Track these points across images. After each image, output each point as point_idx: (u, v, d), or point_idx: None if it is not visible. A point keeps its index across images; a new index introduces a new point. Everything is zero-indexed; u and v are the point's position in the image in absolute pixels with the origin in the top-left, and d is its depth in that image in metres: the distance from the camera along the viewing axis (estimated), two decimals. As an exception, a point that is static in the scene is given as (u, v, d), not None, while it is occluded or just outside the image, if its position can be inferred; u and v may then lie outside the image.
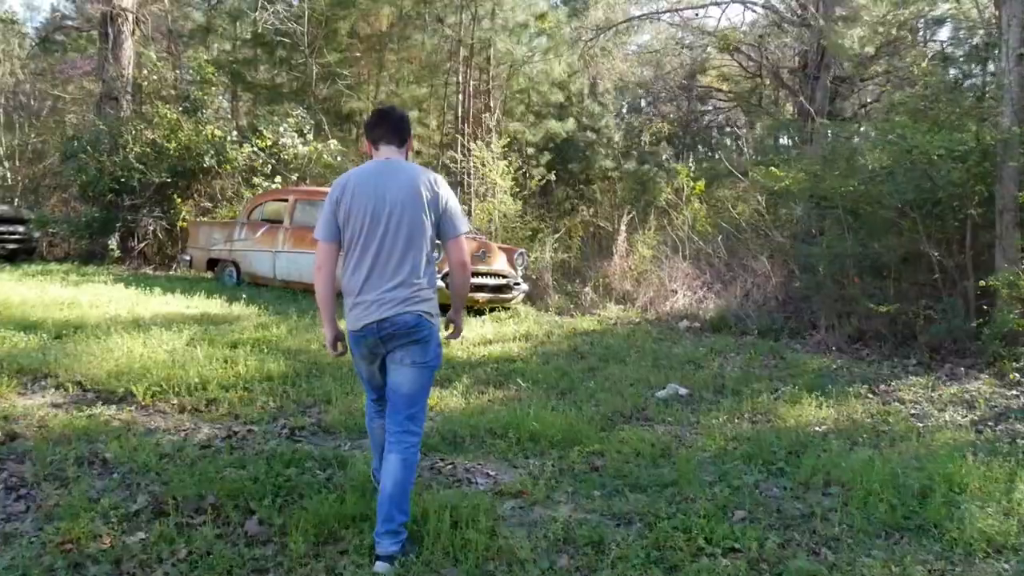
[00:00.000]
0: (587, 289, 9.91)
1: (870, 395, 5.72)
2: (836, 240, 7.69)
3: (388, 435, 2.91)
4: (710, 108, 21.37)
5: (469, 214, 12.55)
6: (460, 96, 16.40)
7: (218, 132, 12.76)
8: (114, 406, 4.74)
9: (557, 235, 11.82)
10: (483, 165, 12.26)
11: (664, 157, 19.38)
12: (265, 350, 6.12)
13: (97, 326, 6.58)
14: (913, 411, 5.35)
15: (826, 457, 4.11)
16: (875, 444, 4.50)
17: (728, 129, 22.26)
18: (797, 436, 4.56)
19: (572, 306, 9.84)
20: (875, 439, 4.62)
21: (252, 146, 12.94)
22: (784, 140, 16.42)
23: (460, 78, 16.39)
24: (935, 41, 16.24)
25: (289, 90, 16.17)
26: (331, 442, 4.31)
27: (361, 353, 2.98)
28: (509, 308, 9.47)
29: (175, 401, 4.86)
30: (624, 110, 22.17)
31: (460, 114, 16.44)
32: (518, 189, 12.79)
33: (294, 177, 13.66)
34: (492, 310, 9.25)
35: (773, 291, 9.02)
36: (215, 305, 8.26)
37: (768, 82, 16.66)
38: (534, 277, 10.50)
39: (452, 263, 3.02)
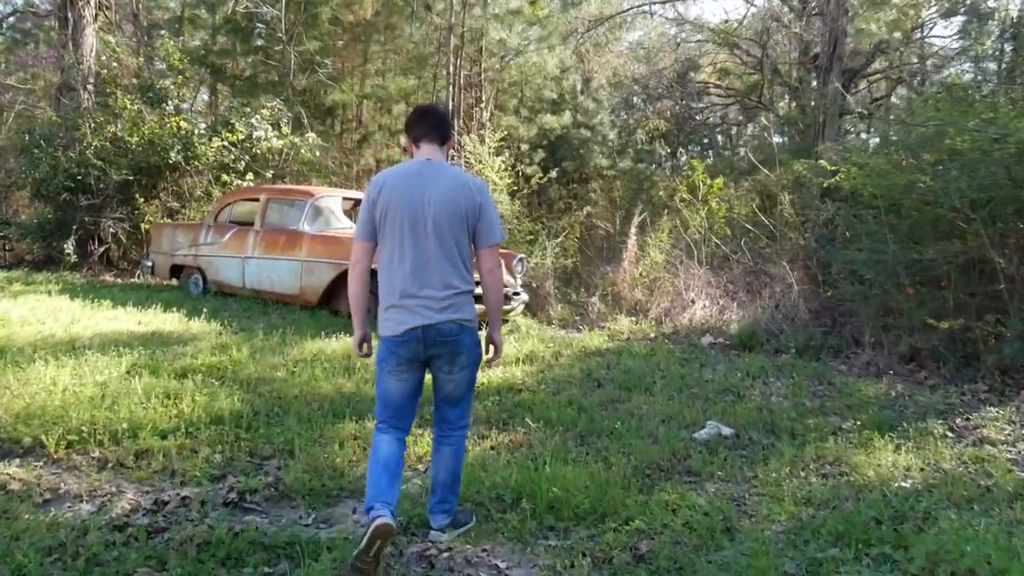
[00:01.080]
0: (594, 299, 8.87)
1: (949, 432, 4.76)
2: (881, 244, 6.73)
3: (439, 430, 3.08)
4: (706, 105, 20.39)
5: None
6: (450, 89, 15.37)
7: (184, 124, 11.62)
8: (17, 460, 3.74)
9: (558, 239, 10.76)
10: (479, 162, 11.21)
11: (663, 154, 18.49)
12: (219, 380, 5.09)
13: (21, 350, 5.53)
14: (1009, 455, 4.40)
15: (938, 535, 3.13)
16: (986, 508, 3.54)
17: (723, 126, 21.33)
18: (885, 497, 3.60)
19: (578, 318, 8.82)
20: (981, 499, 3.65)
21: (222, 140, 11.80)
22: (779, 138, 15.52)
23: (450, 70, 15.36)
24: (939, 36, 15.45)
25: (266, 81, 15.04)
26: (289, 513, 3.31)
27: (398, 360, 2.83)
28: (508, 320, 8.45)
29: (96, 453, 3.85)
30: (619, 106, 21.19)
31: (450, 108, 15.40)
32: (515, 188, 11.76)
33: (270, 174, 12.57)
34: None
35: (797, 300, 8.05)
36: (171, 320, 7.20)
37: (771, 77, 15.70)
38: (534, 285, 9.47)
39: (483, 270, 2.96)
